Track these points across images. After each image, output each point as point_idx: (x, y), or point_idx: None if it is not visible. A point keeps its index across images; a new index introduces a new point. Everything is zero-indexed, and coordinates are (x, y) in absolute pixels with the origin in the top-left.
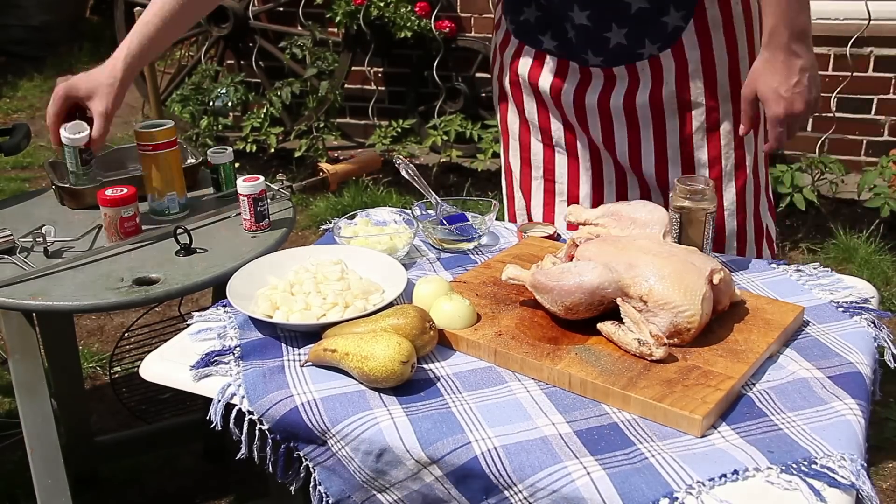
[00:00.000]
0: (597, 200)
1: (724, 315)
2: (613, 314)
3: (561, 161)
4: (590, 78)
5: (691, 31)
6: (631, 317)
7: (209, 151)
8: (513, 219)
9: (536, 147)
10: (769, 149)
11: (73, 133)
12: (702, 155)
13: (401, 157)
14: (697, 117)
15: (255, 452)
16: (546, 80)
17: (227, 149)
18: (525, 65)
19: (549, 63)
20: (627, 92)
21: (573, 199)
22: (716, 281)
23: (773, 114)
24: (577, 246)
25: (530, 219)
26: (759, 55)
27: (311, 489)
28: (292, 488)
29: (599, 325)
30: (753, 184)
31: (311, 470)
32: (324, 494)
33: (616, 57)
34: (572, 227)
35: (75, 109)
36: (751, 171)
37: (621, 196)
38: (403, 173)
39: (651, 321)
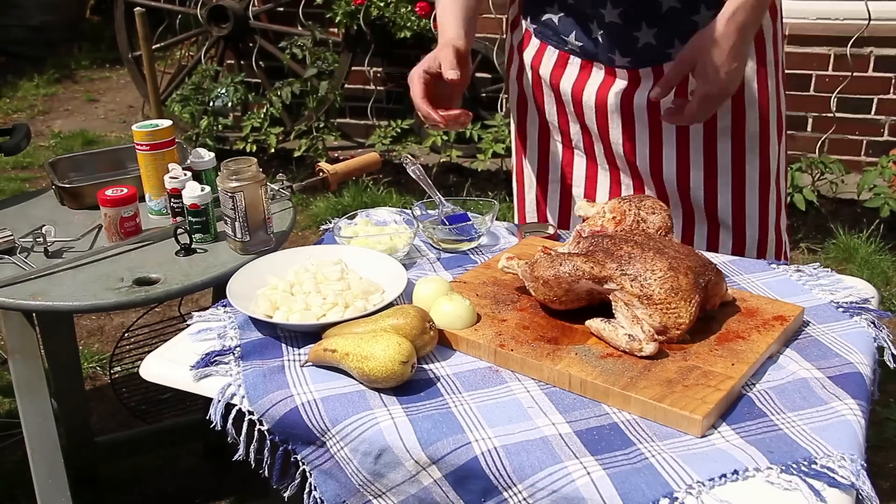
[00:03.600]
0: None
1: (724, 315)
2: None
3: (580, 164)
4: (614, 79)
5: None
6: (621, 311)
7: (190, 157)
8: (522, 220)
9: (555, 149)
10: (682, 120)
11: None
12: (724, 158)
13: (409, 156)
14: (723, 118)
15: (253, 455)
16: (568, 81)
17: (210, 154)
18: (547, 66)
19: (573, 63)
20: (652, 91)
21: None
22: (704, 283)
23: (706, 91)
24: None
25: (543, 221)
26: (711, 28)
27: (305, 496)
28: (286, 494)
29: (588, 323)
30: (776, 194)
31: (308, 475)
32: (318, 500)
33: (644, 57)
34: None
35: (438, 88)
36: (774, 180)
37: None
38: (410, 173)
39: (641, 317)
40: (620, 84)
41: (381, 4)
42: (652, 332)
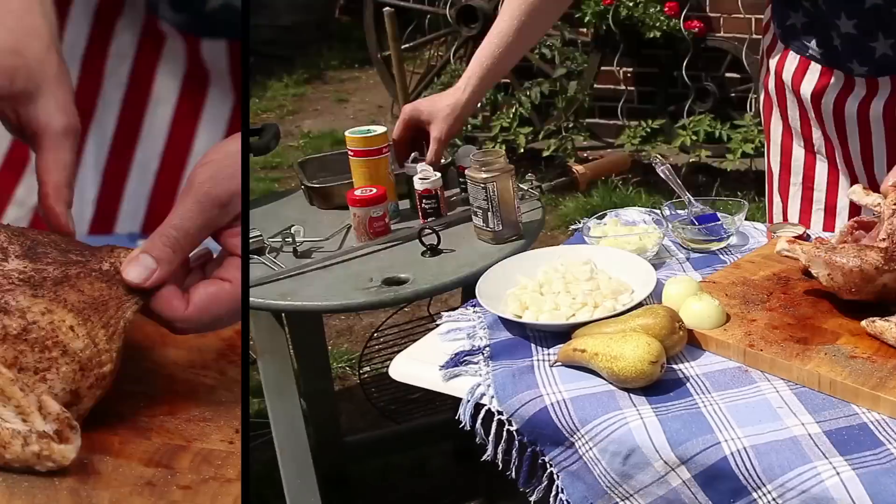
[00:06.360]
0: (853, 213)
1: None
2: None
3: (821, 169)
4: (853, 86)
5: None
6: None
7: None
8: (770, 221)
9: (798, 153)
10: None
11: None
12: None
13: (659, 156)
14: None
15: (500, 456)
16: (808, 86)
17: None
18: (789, 70)
19: (813, 70)
20: (889, 99)
21: (830, 208)
22: None
23: None
24: (852, 233)
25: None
26: None
27: (551, 498)
28: (532, 498)
29: (864, 323)
30: None
31: (555, 477)
32: (565, 502)
33: (882, 67)
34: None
35: (420, 134)
36: None
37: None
38: (660, 173)
39: None
40: (859, 93)
41: (630, 4)
42: None
